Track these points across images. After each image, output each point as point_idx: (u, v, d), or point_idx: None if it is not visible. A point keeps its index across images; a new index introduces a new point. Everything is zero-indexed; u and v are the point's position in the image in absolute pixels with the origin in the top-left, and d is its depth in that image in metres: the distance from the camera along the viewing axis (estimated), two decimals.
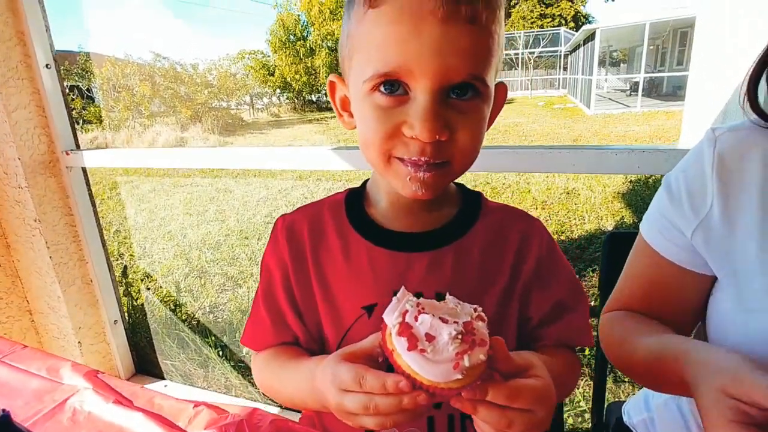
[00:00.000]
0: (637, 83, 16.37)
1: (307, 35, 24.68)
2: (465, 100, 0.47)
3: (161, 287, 3.40)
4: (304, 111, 25.85)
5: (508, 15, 0.51)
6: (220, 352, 2.28)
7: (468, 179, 4.85)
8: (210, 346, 2.33)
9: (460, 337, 0.38)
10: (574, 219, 3.95)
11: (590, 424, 0.92)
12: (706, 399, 0.43)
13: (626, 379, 1.97)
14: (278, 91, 27.30)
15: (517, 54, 22.96)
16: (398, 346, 0.39)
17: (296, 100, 27.30)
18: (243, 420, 0.62)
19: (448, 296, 0.43)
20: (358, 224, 0.61)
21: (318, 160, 1.28)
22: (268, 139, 12.74)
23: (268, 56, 26.95)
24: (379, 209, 0.62)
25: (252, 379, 2.12)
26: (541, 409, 0.41)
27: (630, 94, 17.48)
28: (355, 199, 0.64)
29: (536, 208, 4.18)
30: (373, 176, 0.64)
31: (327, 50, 24.24)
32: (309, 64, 24.78)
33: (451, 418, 0.58)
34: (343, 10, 0.52)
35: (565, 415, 1.75)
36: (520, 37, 24.00)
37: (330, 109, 26.03)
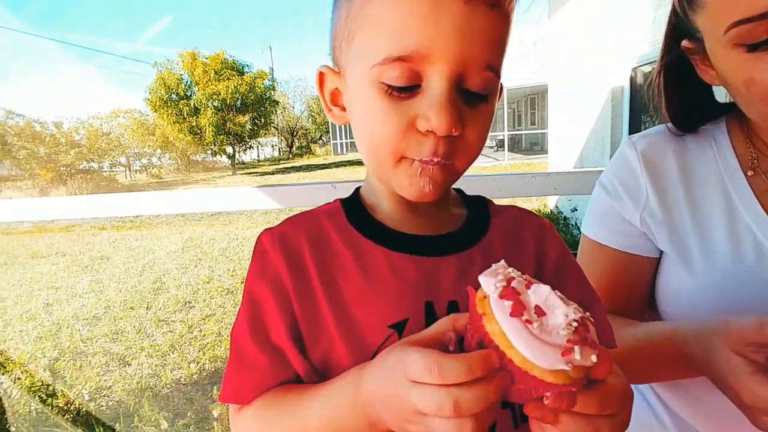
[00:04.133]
0: (502, 140, 18.69)
1: (191, 95, 23.92)
2: (478, 93, 0.44)
3: (20, 378, 2.82)
4: (189, 171, 24.49)
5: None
6: None
7: None
8: None
9: (575, 324, 0.31)
10: None
11: None
12: (722, 365, 0.47)
13: None
14: (159, 150, 25.67)
15: None
16: (497, 310, 0.31)
17: (179, 161, 25.84)
18: None
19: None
20: (367, 230, 0.52)
21: (242, 199, 1.20)
22: None
23: (147, 115, 25.42)
24: (387, 213, 0.53)
25: None
26: (625, 409, 0.38)
27: (497, 150, 19.84)
28: (353, 207, 0.54)
29: None
30: (368, 182, 0.57)
31: (213, 110, 23.60)
32: (194, 123, 23.83)
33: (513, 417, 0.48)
34: (241, 69, 0.47)
35: None
36: None
37: (218, 170, 25.01)
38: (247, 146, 26.57)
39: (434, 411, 0.33)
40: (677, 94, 0.67)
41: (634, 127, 4.61)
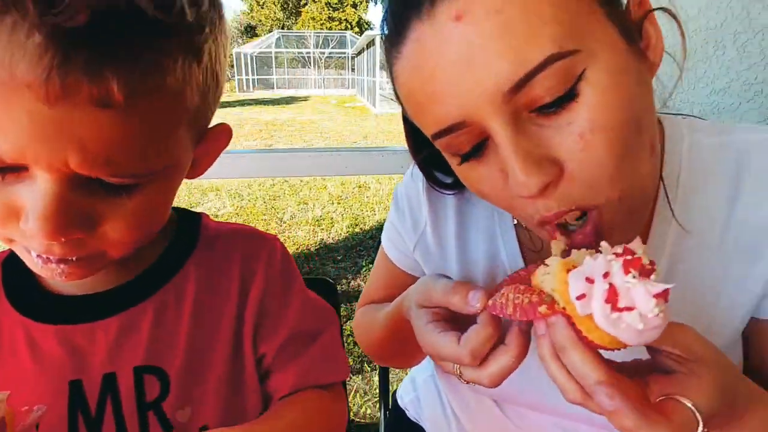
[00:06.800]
0: None
1: None
2: (118, 188, 0.36)
3: None
4: None
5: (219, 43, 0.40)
6: None
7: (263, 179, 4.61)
8: None
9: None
10: (366, 211, 4.32)
11: (380, 412, 0.96)
12: (413, 319, 0.47)
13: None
14: None
15: (309, 53, 23.60)
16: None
17: None
18: None
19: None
20: (16, 293, 0.44)
21: None
22: None
23: None
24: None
25: None
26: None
27: None
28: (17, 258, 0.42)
29: (332, 203, 4.41)
30: None
31: None
32: None
33: None
34: None
35: (364, 408, 1.75)
36: (311, 36, 24.75)
37: None
38: None
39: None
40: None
41: None
